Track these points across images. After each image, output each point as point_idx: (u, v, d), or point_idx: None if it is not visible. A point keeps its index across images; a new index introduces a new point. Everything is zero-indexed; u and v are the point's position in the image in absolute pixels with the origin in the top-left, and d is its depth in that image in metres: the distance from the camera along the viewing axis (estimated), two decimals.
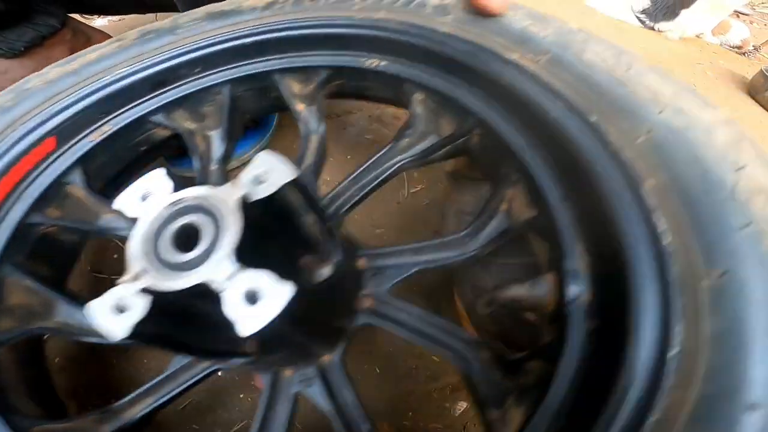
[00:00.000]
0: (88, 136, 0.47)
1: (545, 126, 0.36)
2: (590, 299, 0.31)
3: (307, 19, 0.48)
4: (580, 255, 0.33)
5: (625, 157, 0.31)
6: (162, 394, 0.40)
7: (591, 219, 0.33)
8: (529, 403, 0.32)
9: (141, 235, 0.29)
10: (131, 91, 0.48)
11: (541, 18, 0.41)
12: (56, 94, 0.46)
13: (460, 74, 0.42)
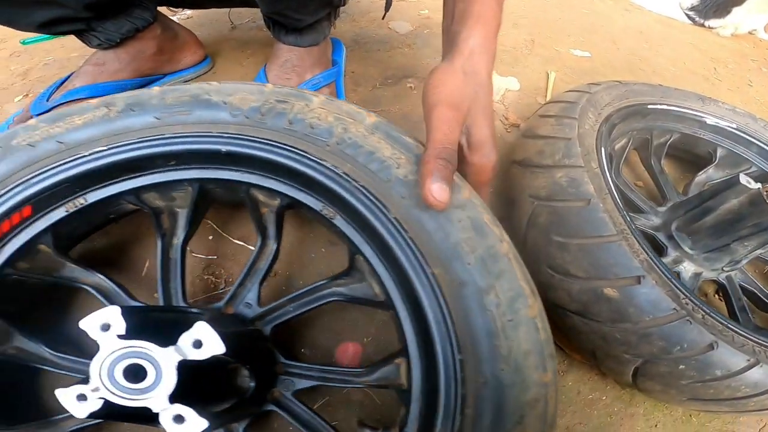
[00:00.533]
0: (64, 205, 0.52)
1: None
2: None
3: (276, 142, 0.52)
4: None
5: None
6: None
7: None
8: None
9: (101, 362, 0.40)
10: (108, 171, 0.52)
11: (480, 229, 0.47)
12: (40, 159, 0.50)
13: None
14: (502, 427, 0.42)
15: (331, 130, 0.52)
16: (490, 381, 0.43)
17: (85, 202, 0.53)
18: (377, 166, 0.50)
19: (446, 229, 0.47)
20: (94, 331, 0.41)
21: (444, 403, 0.44)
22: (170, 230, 0.59)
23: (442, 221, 0.47)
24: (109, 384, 0.39)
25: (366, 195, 0.49)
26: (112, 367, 0.40)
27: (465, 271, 0.45)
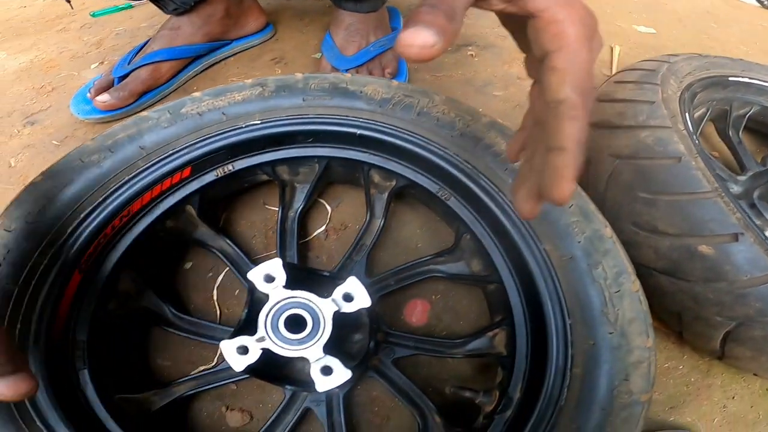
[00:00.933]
0: (215, 170, 0.60)
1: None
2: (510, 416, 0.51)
3: (406, 130, 0.60)
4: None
5: None
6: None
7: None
8: None
9: (266, 313, 0.45)
10: (257, 142, 0.60)
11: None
12: (205, 127, 0.58)
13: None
14: (610, 384, 0.48)
15: (454, 124, 0.60)
16: (599, 343, 0.49)
17: (232, 169, 0.61)
18: (493, 157, 0.58)
19: (557, 211, 0.54)
20: (259, 282, 0.47)
21: (554, 363, 0.49)
22: (289, 202, 0.66)
23: (553, 206, 0.54)
24: (272, 334, 0.45)
25: (485, 180, 0.56)
26: (277, 317, 0.46)
27: (575, 248, 0.52)
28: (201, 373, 0.58)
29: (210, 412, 0.62)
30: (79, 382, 0.50)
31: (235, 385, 0.63)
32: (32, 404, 0.45)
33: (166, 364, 0.64)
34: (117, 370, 0.57)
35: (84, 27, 1.12)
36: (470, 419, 0.59)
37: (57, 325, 0.50)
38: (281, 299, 0.46)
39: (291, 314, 0.46)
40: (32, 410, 0.44)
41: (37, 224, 0.51)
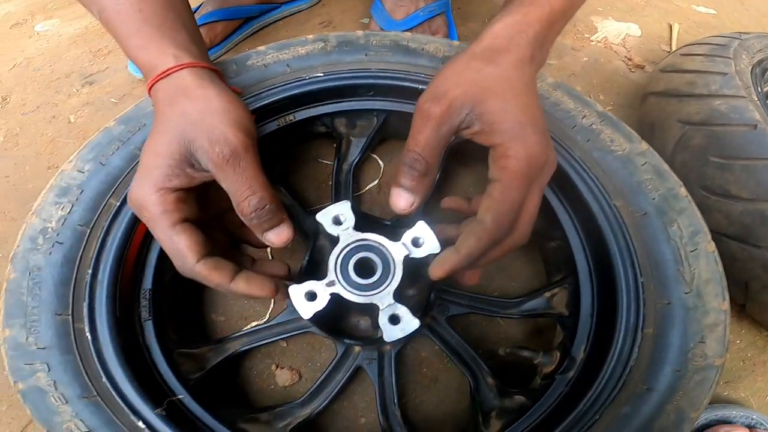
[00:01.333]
0: (277, 120, 0.60)
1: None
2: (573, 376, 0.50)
3: None
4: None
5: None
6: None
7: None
8: (506, 419, 0.51)
9: (336, 255, 0.45)
10: (319, 94, 0.60)
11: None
12: (269, 78, 0.58)
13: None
14: (684, 345, 0.46)
15: None
16: (674, 303, 0.47)
17: (293, 119, 0.61)
18: (562, 115, 0.56)
19: (630, 169, 0.52)
20: (328, 224, 0.47)
21: (623, 323, 0.48)
22: (344, 155, 0.66)
23: (626, 163, 0.53)
24: (342, 279, 0.45)
25: (551, 136, 0.55)
26: (347, 260, 0.46)
27: (649, 204, 0.51)
28: (254, 329, 0.59)
29: (260, 371, 0.63)
30: (144, 334, 0.51)
31: (286, 343, 0.64)
32: (99, 360, 0.45)
33: (219, 320, 0.65)
34: (177, 323, 0.59)
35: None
36: (526, 381, 0.58)
37: (125, 272, 0.51)
38: (352, 241, 0.46)
39: (361, 257, 0.46)
40: (99, 366, 0.45)
41: (110, 166, 0.53)
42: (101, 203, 0.51)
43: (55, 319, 0.47)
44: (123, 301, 0.50)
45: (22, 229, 0.50)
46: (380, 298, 0.44)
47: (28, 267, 0.48)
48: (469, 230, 0.38)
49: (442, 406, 0.61)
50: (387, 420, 0.55)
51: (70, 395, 0.44)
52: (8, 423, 0.62)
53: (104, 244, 0.50)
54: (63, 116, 0.81)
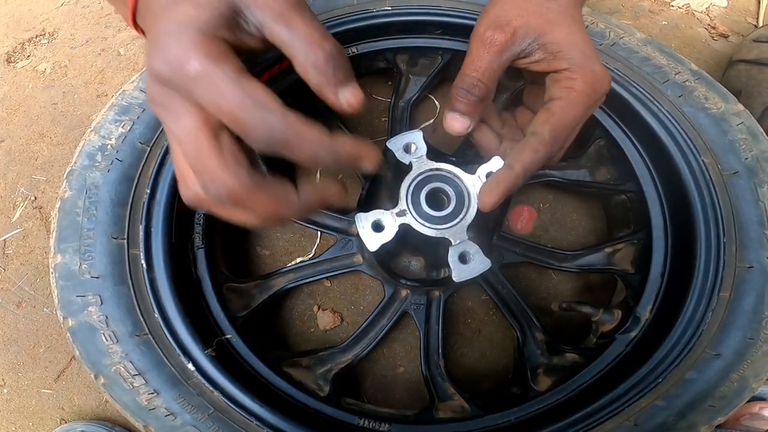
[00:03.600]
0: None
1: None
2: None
3: None
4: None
5: None
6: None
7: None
8: (557, 377, 0.50)
9: (408, 183, 0.43)
10: (385, 28, 0.57)
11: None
12: (336, 9, 0.55)
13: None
14: (759, 312, 0.43)
15: (604, 34, 0.54)
16: (756, 267, 0.44)
17: (355, 52, 0.58)
18: (651, 70, 0.52)
19: (723, 127, 0.48)
20: (399, 152, 0.44)
21: (699, 284, 0.45)
22: (402, 92, 0.63)
23: (718, 120, 0.49)
24: (412, 209, 0.42)
25: (638, 88, 0.51)
26: (419, 190, 0.42)
27: (740, 164, 0.47)
28: (299, 265, 0.57)
29: (301, 312, 0.62)
30: (196, 264, 0.50)
31: (330, 282, 0.63)
32: (153, 292, 0.44)
33: (264, 253, 0.64)
34: (227, 254, 0.58)
35: None
36: (577, 339, 0.56)
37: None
38: (425, 170, 0.43)
39: (434, 187, 0.43)
40: (153, 299, 0.43)
41: None
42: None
43: (110, 243, 0.46)
44: (179, 226, 0.49)
45: (80, 146, 0.49)
46: (453, 233, 0.41)
47: (85, 185, 0.47)
48: (523, 144, 0.37)
49: (483, 361, 0.60)
50: (429, 369, 0.54)
51: (122, 333, 0.43)
52: (45, 367, 0.62)
53: (163, 164, 0.48)
54: (113, 49, 0.79)
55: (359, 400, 0.56)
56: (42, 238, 0.67)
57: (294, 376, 0.50)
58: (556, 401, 0.46)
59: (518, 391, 0.52)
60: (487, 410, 0.47)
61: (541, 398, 0.46)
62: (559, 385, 0.47)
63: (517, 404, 0.46)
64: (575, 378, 0.47)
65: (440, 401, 0.51)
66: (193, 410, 0.42)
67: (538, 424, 0.44)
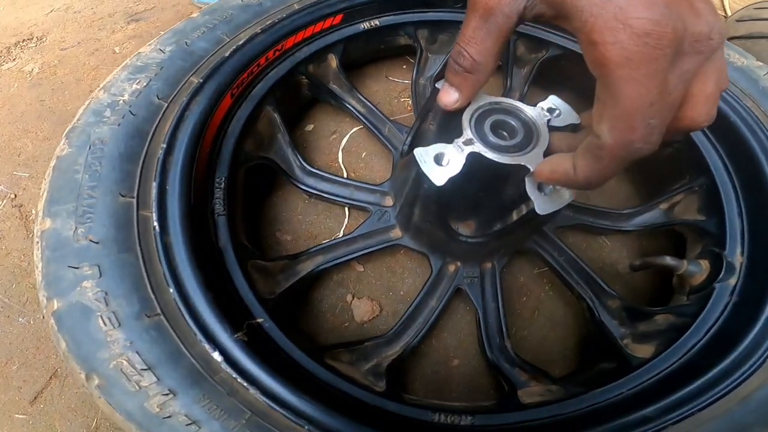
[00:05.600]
0: (363, 23, 0.57)
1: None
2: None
3: None
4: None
5: None
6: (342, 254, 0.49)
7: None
8: (656, 342, 0.44)
9: (469, 115, 0.39)
10: (405, 1, 0.58)
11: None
12: None
13: None
14: None
15: None
16: None
17: (378, 24, 0.58)
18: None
19: (752, 77, 0.52)
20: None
21: None
22: (423, 69, 0.63)
23: (747, 72, 0.53)
24: (479, 139, 0.37)
25: None
26: (481, 121, 0.39)
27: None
28: (329, 243, 0.50)
29: (332, 304, 0.54)
30: (217, 233, 0.43)
31: (362, 266, 0.56)
32: (168, 261, 0.35)
33: (285, 239, 0.57)
34: (250, 228, 0.51)
35: None
36: (657, 302, 0.51)
37: (203, 153, 0.44)
38: (484, 103, 0.40)
39: (497, 119, 0.40)
40: (167, 270, 0.35)
41: (194, 47, 0.48)
42: (182, 80, 0.46)
43: (116, 202, 0.38)
44: (198, 188, 0.43)
45: (85, 104, 0.43)
46: (529, 160, 0.37)
47: (89, 141, 0.41)
48: (585, 147, 0.29)
49: (547, 343, 0.53)
50: (493, 354, 0.47)
51: (126, 314, 0.33)
52: (19, 388, 0.51)
53: (182, 119, 0.43)
54: (107, 48, 0.77)
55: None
56: (20, 240, 0.58)
57: (341, 370, 0.41)
58: (676, 363, 0.40)
59: (611, 365, 0.45)
60: (587, 386, 0.40)
61: (649, 366, 0.40)
62: (665, 350, 0.41)
63: (618, 377, 0.40)
64: (684, 338, 0.41)
65: (519, 389, 0.43)
66: (223, 416, 0.31)
67: (658, 393, 0.37)
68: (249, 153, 0.51)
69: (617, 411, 0.37)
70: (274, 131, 0.54)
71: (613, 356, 0.46)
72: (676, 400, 0.36)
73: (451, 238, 0.47)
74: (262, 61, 0.50)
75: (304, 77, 0.56)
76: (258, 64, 0.50)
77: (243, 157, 0.49)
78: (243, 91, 0.49)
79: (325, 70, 0.58)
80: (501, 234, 0.45)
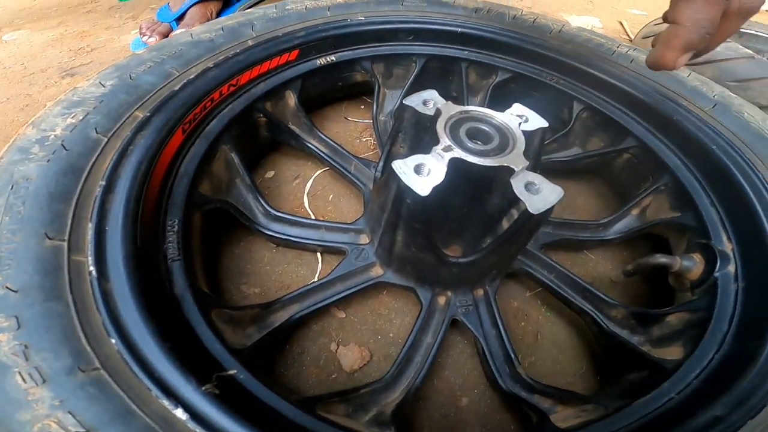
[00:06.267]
0: (318, 59, 0.58)
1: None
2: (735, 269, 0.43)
3: (508, 30, 0.63)
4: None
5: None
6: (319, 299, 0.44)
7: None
8: (681, 342, 0.42)
9: (443, 124, 0.39)
10: (361, 36, 0.60)
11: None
12: (310, 20, 0.58)
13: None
14: None
15: (549, 27, 0.64)
16: None
17: (334, 60, 0.59)
18: (597, 46, 0.62)
19: (678, 78, 0.57)
20: (419, 105, 0.43)
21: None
22: (382, 105, 0.64)
23: (673, 74, 0.58)
24: (455, 145, 0.37)
25: (586, 60, 0.60)
26: (456, 129, 0.39)
27: (710, 101, 0.53)
28: (304, 289, 0.45)
29: (315, 356, 0.47)
30: (172, 278, 0.37)
31: (343, 312, 0.50)
32: (108, 309, 0.30)
33: (253, 292, 0.51)
34: (211, 274, 0.44)
35: (112, 8, 1.14)
36: (659, 304, 0.49)
37: (150, 192, 0.40)
38: (455, 112, 0.40)
39: (471, 126, 0.40)
40: (108, 318, 0.30)
41: (139, 81, 0.45)
42: (125, 114, 0.42)
43: (42, 246, 0.32)
44: (146, 230, 0.37)
45: (10, 142, 0.38)
46: (512, 160, 0.37)
47: (11, 180, 0.35)
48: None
49: (559, 366, 0.49)
50: (507, 384, 0.42)
51: (53, 369, 0.27)
52: None
53: (126, 154, 0.39)
54: (39, 104, 0.72)
55: None
56: None
57: (340, 424, 0.34)
58: (715, 357, 0.38)
59: (642, 374, 0.42)
60: (630, 395, 0.36)
61: (688, 365, 0.38)
62: (694, 347, 0.39)
63: (658, 382, 0.37)
64: (711, 332, 0.40)
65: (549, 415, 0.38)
66: None
67: (715, 390, 0.35)
68: (205, 196, 0.46)
69: (679, 416, 0.33)
70: (232, 174, 0.51)
71: (639, 365, 0.43)
72: (741, 394, 0.33)
73: (441, 262, 0.43)
74: (215, 96, 0.48)
75: (262, 116, 0.54)
76: (211, 99, 0.47)
77: (199, 199, 0.45)
78: (196, 127, 0.46)
79: (283, 108, 0.57)
80: (493, 250, 0.43)
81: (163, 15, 0.90)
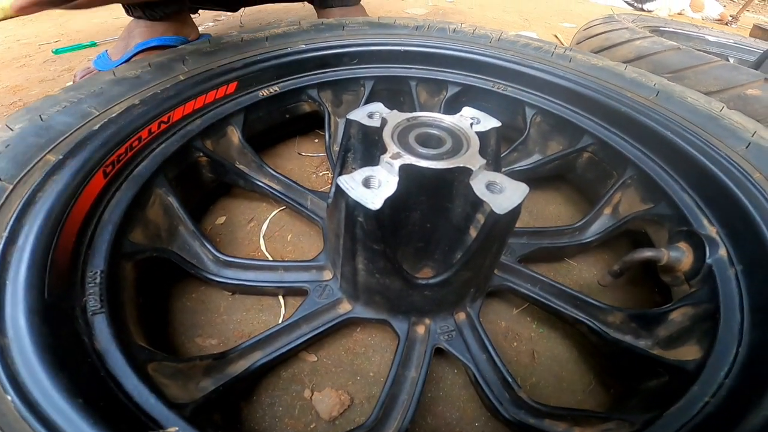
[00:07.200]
0: (261, 90, 0.56)
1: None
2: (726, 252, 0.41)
3: (447, 43, 0.64)
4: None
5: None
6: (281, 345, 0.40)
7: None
8: (697, 337, 0.39)
9: (390, 131, 0.37)
10: (303, 63, 0.59)
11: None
12: (248, 51, 0.57)
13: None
14: None
15: (489, 36, 0.66)
16: None
17: (277, 90, 0.57)
18: (535, 50, 0.64)
19: (631, 77, 0.58)
20: (363, 118, 0.41)
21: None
22: (334, 134, 0.63)
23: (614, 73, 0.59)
24: (404, 152, 0.35)
25: (533, 65, 0.62)
26: (404, 136, 0.38)
27: (651, 90, 0.55)
28: (266, 333, 0.41)
29: (288, 405, 0.41)
30: (92, 332, 0.32)
31: (314, 355, 0.44)
32: (5, 370, 0.26)
33: (210, 344, 0.44)
34: (153, 331, 0.39)
35: (47, 62, 1.10)
36: (654, 302, 0.47)
37: (64, 240, 0.35)
38: (402, 120, 0.38)
39: (420, 132, 0.38)
40: (6, 380, 0.26)
41: (52, 122, 0.41)
42: (35, 158, 0.37)
43: None
44: (57, 282, 0.32)
45: None
46: (468, 160, 0.35)
47: None
48: None
49: (564, 383, 0.44)
50: (509, 411, 0.37)
51: None
52: None
53: (32, 202, 0.34)
54: None
55: None
56: None
57: None
58: (740, 349, 0.35)
59: (662, 380, 0.38)
60: (655, 406, 0.33)
61: (713, 364, 0.34)
62: (712, 342, 0.36)
63: (686, 386, 0.33)
64: (724, 323, 0.37)
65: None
66: None
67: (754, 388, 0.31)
68: (138, 244, 0.41)
69: (725, 421, 0.30)
70: (173, 221, 0.46)
71: (655, 371, 0.39)
72: None
73: (410, 286, 0.40)
74: (143, 134, 0.44)
75: (202, 155, 0.51)
76: (139, 138, 0.44)
77: (129, 248, 0.40)
78: (121, 169, 0.42)
79: (226, 146, 0.54)
80: (465, 264, 0.39)
81: (101, 63, 0.87)
